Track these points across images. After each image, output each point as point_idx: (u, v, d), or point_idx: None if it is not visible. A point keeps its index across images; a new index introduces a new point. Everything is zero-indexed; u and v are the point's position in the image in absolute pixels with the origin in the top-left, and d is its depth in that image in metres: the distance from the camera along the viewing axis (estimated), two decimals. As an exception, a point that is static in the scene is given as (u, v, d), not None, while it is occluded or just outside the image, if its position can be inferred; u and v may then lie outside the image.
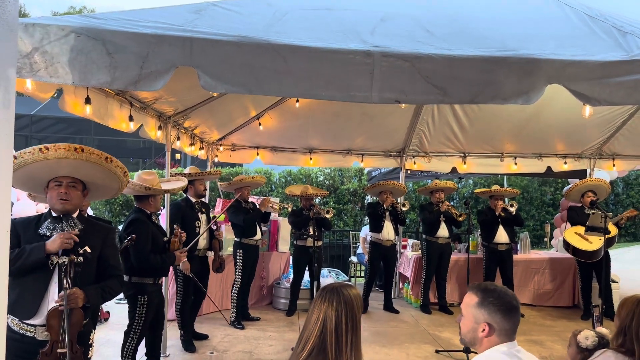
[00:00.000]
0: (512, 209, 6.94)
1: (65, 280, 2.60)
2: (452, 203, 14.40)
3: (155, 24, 2.43)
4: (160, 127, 4.86)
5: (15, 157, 2.45)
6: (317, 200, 13.13)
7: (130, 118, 4.00)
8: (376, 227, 7.12)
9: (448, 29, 3.06)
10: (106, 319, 6.35)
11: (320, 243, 6.48)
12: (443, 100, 2.40)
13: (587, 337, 2.49)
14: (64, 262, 2.64)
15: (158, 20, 2.50)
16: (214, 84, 2.29)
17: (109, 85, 2.31)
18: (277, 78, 2.34)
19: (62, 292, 2.56)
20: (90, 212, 6.03)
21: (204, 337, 5.68)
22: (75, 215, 2.80)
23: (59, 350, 2.58)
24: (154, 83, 2.26)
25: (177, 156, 7.32)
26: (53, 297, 2.63)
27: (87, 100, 3.17)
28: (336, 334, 1.83)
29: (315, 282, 5.47)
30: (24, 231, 2.69)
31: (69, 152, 2.52)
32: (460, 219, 7.32)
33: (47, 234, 2.67)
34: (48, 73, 2.21)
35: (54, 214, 2.74)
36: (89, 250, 2.73)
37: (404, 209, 7.13)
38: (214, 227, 5.65)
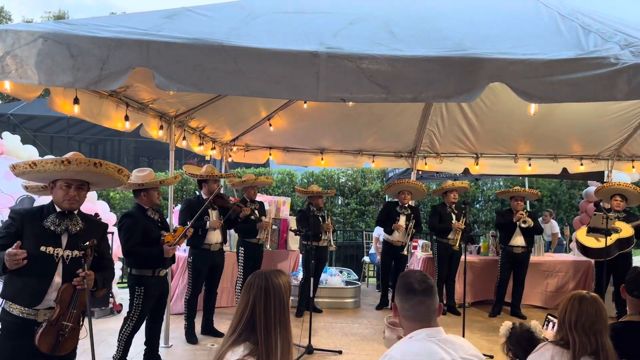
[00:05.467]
0: (525, 225, 6.80)
1: (84, 264, 2.88)
2: (477, 205, 14.31)
3: (121, 28, 2.62)
4: (162, 127, 5.08)
5: (35, 164, 2.70)
6: (340, 200, 13.30)
7: (126, 118, 4.23)
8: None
9: (413, 30, 3.14)
10: (119, 311, 6.64)
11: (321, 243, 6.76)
12: (387, 99, 2.49)
13: (504, 326, 2.61)
14: (69, 255, 2.90)
15: (125, 25, 2.69)
16: (167, 83, 2.46)
17: (72, 86, 2.51)
18: (227, 78, 2.49)
19: (83, 274, 2.83)
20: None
21: (221, 334, 5.79)
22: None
23: (64, 322, 2.85)
24: (113, 83, 2.45)
25: (208, 157, 7.56)
26: (57, 286, 2.86)
27: (76, 101, 3.40)
28: (265, 315, 1.95)
29: (312, 279, 5.61)
30: (30, 223, 2.85)
31: (88, 167, 2.79)
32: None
33: (52, 228, 2.86)
34: (18, 75, 2.43)
35: (58, 209, 2.91)
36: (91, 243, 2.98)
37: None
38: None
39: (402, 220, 7.13)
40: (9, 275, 2.82)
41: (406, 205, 7.17)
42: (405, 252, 7.14)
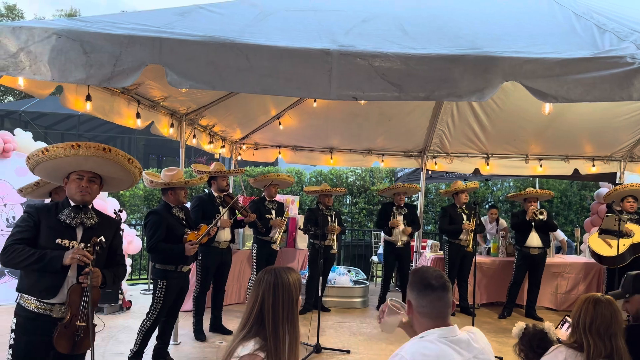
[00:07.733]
0: (542, 217, 6.71)
1: (89, 261, 2.85)
2: (486, 206, 14.23)
3: (133, 25, 2.62)
4: (172, 125, 5.10)
5: (47, 150, 2.74)
6: (348, 200, 13.27)
7: (138, 115, 4.25)
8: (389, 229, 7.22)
9: (425, 28, 3.12)
10: (128, 308, 6.67)
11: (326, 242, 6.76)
12: (399, 97, 2.47)
13: (517, 327, 2.59)
14: (88, 245, 2.92)
15: (138, 22, 2.70)
16: (179, 80, 2.46)
17: (85, 82, 2.52)
18: (239, 75, 2.49)
19: (87, 270, 2.82)
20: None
21: (229, 332, 5.80)
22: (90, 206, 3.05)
23: (77, 323, 2.87)
24: (125, 80, 2.46)
25: (217, 156, 7.58)
26: (72, 279, 2.90)
27: (88, 98, 3.42)
28: (273, 310, 1.95)
29: (320, 278, 5.60)
30: (46, 216, 2.90)
31: (97, 151, 2.79)
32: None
33: (67, 221, 2.90)
34: (32, 71, 2.45)
35: (72, 204, 2.95)
36: (104, 240, 3.01)
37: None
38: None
39: (400, 218, 7.21)
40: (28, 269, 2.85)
41: (402, 205, 7.27)
42: (400, 244, 7.16)
